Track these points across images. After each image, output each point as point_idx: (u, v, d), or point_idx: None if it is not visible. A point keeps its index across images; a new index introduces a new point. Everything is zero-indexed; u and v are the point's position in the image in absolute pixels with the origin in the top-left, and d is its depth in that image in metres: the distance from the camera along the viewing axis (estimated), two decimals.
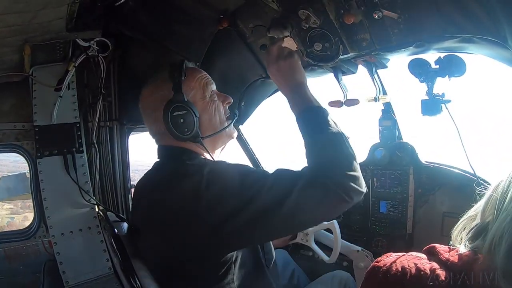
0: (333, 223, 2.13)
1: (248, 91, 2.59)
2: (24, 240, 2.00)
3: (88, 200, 1.86)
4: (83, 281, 1.69)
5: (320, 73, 2.19)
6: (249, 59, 2.31)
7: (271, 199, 1.26)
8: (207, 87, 1.59)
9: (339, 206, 1.32)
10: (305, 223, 1.43)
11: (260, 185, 1.29)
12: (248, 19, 2.00)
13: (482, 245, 0.84)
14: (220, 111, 1.61)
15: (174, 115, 1.44)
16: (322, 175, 1.28)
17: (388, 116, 2.50)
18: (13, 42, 1.59)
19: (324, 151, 1.35)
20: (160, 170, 1.56)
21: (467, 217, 0.97)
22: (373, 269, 0.98)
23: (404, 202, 2.44)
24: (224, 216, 1.28)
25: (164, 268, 1.44)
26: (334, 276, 2.04)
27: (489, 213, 0.87)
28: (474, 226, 0.90)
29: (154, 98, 1.53)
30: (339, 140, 1.37)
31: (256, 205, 1.26)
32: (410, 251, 2.40)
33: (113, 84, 2.22)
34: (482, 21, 1.25)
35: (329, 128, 1.39)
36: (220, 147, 1.67)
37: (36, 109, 1.88)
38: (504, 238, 0.77)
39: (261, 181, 1.31)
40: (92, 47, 1.95)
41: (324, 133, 1.37)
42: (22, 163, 2.22)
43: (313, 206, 1.29)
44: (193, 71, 1.61)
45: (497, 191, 0.85)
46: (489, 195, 0.89)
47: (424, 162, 2.42)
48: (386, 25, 1.56)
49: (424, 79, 1.75)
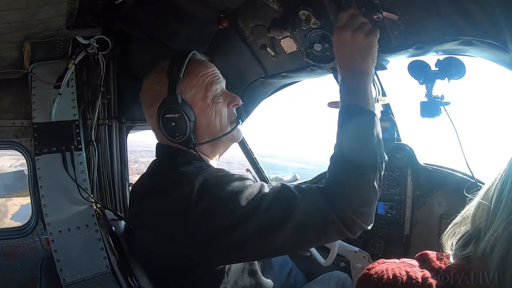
0: None
1: (247, 91, 2.59)
2: (22, 237, 2.00)
3: (86, 198, 1.86)
4: (81, 279, 1.69)
5: (320, 73, 2.19)
6: (249, 59, 2.30)
7: (265, 221, 1.17)
8: (211, 87, 1.44)
9: (337, 238, 1.29)
10: (298, 248, 1.37)
11: (255, 204, 1.19)
12: (249, 19, 2.00)
13: (474, 252, 0.83)
14: (222, 115, 1.47)
15: (166, 117, 1.34)
16: (330, 204, 1.18)
17: (387, 117, 2.50)
18: (13, 39, 1.59)
19: (349, 179, 1.22)
20: (154, 175, 1.49)
21: (456, 223, 0.96)
22: (364, 277, 0.97)
23: (402, 204, 2.45)
24: (211, 233, 1.20)
25: (157, 271, 1.42)
26: (332, 276, 2.04)
27: (480, 220, 0.86)
28: (465, 233, 0.89)
29: (151, 93, 1.44)
30: (374, 170, 1.21)
31: (247, 225, 1.17)
32: (408, 251, 2.41)
33: (113, 82, 2.22)
34: (482, 24, 1.25)
35: (374, 151, 1.22)
36: (221, 151, 1.58)
37: (35, 106, 1.88)
38: (497, 247, 0.76)
39: (256, 200, 1.20)
40: (92, 44, 1.95)
41: (364, 158, 1.21)
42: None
43: (310, 235, 1.21)
44: (198, 66, 1.45)
45: (487, 197, 0.85)
46: (478, 201, 0.88)
47: (422, 164, 2.42)
48: (386, 26, 1.56)
49: (423, 81, 1.75)
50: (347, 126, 1.27)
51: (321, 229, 1.18)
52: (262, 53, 2.16)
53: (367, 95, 1.28)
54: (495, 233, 0.78)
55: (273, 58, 2.18)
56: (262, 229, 1.17)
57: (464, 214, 0.94)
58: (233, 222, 1.18)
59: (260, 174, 3.01)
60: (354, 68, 1.31)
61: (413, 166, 2.44)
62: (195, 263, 1.30)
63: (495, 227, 0.79)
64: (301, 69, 2.17)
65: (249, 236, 1.17)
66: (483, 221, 0.84)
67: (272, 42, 2.06)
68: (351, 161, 1.20)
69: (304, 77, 2.42)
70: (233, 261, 1.36)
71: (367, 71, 1.31)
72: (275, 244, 1.19)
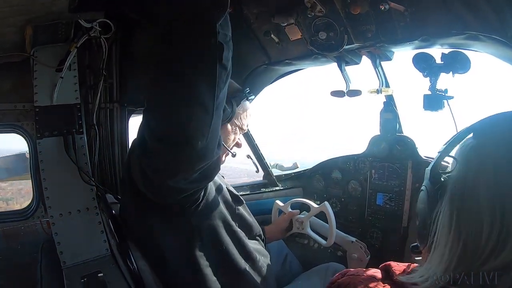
0: (324, 204, 2.14)
1: (250, 77, 2.58)
2: (23, 220, 2.02)
3: (87, 181, 1.86)
4: (81, 262, 1.71)
5: (324, 62, 2.18)
6: (253, 45, 2.29)
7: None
8: (235, 136, 1.74)
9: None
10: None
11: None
12: (253, 5, 1.98)
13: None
14: (229, 139, 1.71)
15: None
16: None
17: (389, 108, 2.50)
18: (15, 22, 1.57)
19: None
20: None
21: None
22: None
23: (401, 196, 2.46)
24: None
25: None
26: (329, 267, 2.06)
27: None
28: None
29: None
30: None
31: None
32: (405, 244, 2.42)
33: (115, 66, 2.19)
34: (489, 19, 1.24)
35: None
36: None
37: (36, 90, 1.87)
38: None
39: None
40: (94, 28, 1.93)
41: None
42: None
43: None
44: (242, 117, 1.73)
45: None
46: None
47: (423, 157, 2.42)
48: (392, 17, 1.55)
49: (427, 74, 1.74)
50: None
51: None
52: (266, 39, 2.15)
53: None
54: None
55: (277, 45, 2.16)
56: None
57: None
58: None
59: (260, 161, 3.01)
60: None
61: (414, 158, 2.45)
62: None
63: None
64: (305, 56, 2.16)
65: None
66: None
67: (276, 28, 2.04)
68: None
69: (307, 65, 2.41)
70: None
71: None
72: None
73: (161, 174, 1.20)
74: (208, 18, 1.01)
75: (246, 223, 1.82)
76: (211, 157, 1.20)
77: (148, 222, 1.54)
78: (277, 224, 2.30)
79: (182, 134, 1.07)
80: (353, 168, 2.79)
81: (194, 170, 1.20)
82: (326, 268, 2.06)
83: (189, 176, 1.24)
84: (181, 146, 1.08)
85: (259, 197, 3.00)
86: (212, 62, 1.03)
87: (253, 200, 2.91)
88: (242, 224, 1.78)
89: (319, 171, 3.06)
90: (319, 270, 2.07)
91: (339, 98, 2.19)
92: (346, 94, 2.15)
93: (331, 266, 2.09)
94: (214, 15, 1.01)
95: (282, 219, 2.30)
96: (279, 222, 2.30)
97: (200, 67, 1.03)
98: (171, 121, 1.07)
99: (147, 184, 1.28)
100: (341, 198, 2.85)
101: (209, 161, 1.21)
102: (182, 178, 1.23)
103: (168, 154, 1.11)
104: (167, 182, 1.22)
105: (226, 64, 1.11)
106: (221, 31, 1.04)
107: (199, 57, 1.02)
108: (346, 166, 2.85)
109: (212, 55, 1.03)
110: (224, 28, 1.07)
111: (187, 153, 1.10)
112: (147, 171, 1.21)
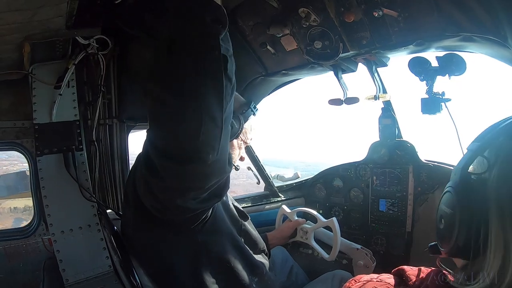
0: (332, 220, 2.13)
1: (248, 89, 2.59)
2: (24, 238, 2.00)
3: (88, 198, 1.85)
4: (83, 279, 1.69)
5: (320, 71, 2.19)
6: (249, 57, 2.30)
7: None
8: (240, 150, 1.82)
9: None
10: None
11: None
12: (248, 17, 2.00)
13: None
14: (234, 154, 1.78)
15: None
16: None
17: (388, 114, 2.50)
18: (13, 40, 1.58)
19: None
20: None
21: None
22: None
23: (404, 201, 2.45)
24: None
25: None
26: (335, 275, 2.04)
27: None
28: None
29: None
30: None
31: None
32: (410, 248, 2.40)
33: (113, 82, 2.21)
34: (482, 20, 1.25)
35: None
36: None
37: (35, 107, 1.88)
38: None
39: None
40: (91, 44, 1.95)
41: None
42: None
43: None
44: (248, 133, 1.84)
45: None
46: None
47: (424, 161, 2.42)
48: (386, 23, 1.56)
49: (424, 78, 1.75)
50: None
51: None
52: (262, 51, 2.16)
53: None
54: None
55: (273, 56, 2.18)
56: None
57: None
58: None
59: (261, 172, 3.01)
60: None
61: (414, 163, 2.44)
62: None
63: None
64: (301, 66, 2.17)
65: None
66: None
67: (272, 39, 2.06)
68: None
69: (304, 75, 2.42)
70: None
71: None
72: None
73: (170, 193, 1.16)
74: (211, 31, 1.00)
75: (251, 238, 1.81)
76: (222, 174, 1.17)
77: (153, 239, 1.51)
78: (281, 231, 2.29)
79: (192, 149, 1.03)
80: (354, 175, 2.79)
81: (204, 189, 1.16)
82: (332, 276, 2.04)
83: (199, 194, 1.20)
84: (192, 162, 1.04)
85: (261, 209, 2.99)
86: (218, 73, 1.01)
87: (256, 212, 2.90)
88: (247, 240, 1.76)
89: (320, 180, 3.05)
90: (325, 278, 2.05)
91: (337, 106, 2.20)
92: (344, 102, 2.16)
93: (337, 274, 2.07)
94: (216, 28, 1.01)
95: (287, 226, 2.29)
96: (283, 229, 2.30)
97: (206, 79, 1.00)
98: (180, 136, 1.03)
99: (153, 203, 1.24)
100: (343, 206, 2.84)
101: (220, 178, 1.18)
102: (192, 198, 1.20)
103: (178, 171, 1.06)
104: (175, 201, 1.18)
105: (231, 76, 1.08)
106: (223, 45, 1.04)
107: (204, 70, 1.01)
108: (347, 173, 2.85)
109: (218, 66, 1.01)
110: (225, 42, 1.07)
111: (199, 169, 1.07)
112: (154, 189, 1.17)
